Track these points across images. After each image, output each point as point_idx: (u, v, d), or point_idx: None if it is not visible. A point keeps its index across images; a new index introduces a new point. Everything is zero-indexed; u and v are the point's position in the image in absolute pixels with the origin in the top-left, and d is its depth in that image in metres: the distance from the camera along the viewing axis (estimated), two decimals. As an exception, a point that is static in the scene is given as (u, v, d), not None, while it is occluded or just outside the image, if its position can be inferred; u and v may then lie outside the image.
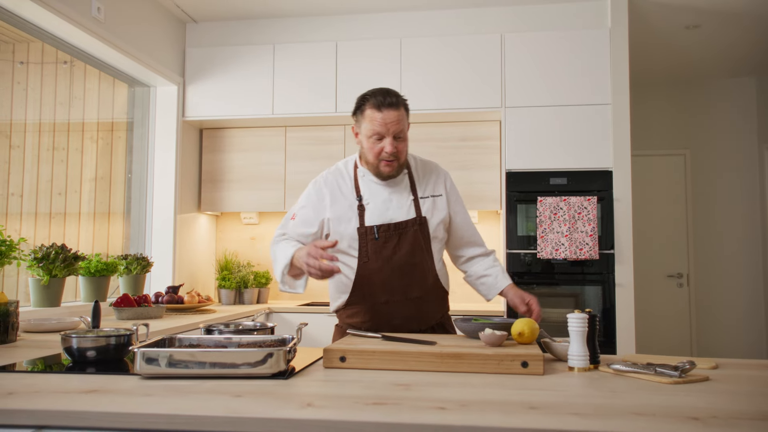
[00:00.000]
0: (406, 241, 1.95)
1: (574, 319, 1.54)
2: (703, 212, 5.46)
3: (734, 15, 4.12)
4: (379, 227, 1.94)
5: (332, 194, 2.01)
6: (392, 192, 2.00)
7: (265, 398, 1.22)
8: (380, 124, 1.89)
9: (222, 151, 4.36)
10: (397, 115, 1.89)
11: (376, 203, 1.98)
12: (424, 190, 2.03)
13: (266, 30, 4.26)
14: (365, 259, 1.95)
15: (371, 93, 1.92)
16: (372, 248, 1.94)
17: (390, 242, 1.94)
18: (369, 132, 1.92)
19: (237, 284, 4.17)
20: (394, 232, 1.95)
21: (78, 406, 1.15)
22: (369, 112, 1.91)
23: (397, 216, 1.97)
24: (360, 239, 1.95)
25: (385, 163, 1.93)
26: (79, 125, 3.71)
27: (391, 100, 1.89)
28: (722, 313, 5.37)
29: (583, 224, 3.64)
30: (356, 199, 1.99)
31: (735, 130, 5.45)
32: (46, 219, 3.41)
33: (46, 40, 3.28)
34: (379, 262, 1.94)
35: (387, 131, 1.89)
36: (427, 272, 1.99)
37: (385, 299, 1.96)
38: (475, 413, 1.11)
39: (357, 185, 2.01)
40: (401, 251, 1.94)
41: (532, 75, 3.88)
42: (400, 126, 1.91)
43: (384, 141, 1.90)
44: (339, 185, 2.03)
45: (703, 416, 1.10)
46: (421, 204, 2.00)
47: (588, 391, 1.32)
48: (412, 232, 1.96)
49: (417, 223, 1.97)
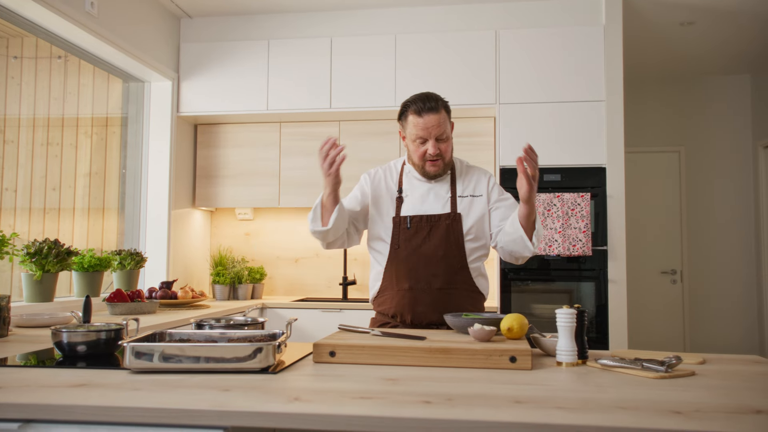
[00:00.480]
0: (436, 233, 2.06)
1: (563, 315, 1.55)
2: (697, 209, 5.48)
3: (729, 12, 4.13)
4: (412, 218, 2.08)
5: (377, 186, 2.19)
6: (431, 188, 2.14)
7: (253, 392, 1.23)
8: (422, 129, 2.03)
9: (216, 146, 4.36)
10: (437, 118, 2.03)
11: (414, 197, 2.13)
12: (464, 189, 2.14)
13: (261, 25, 4.25)
14: (396, 246, 2.08)
15: (412, 99, 2.07)
16: (403, 237, 2.08)
17: (420, 233, 2.07)
18: (413, 136, 2.06)
19: (231, 280, 4.18)
20: (426, 223, 2.07)
21: (65, 400, 1.16)
22: (411, 117, 2.05)
23: (431, 209, 2.10)
24: (394, 228, 2.10)
25: (431, 163, 2.07)
26: (74, 120, 3.70)
27: (431, 105, 2.03)
28: (715, 309, 5.40)
29: (576, 221, 3.65)
30: (397, 191, 2.15)
31: (729, 127, 5.47)
32: (40, 214, 3.41)
33: (39, 35, 3.27)
34: (408, 250, 2.06)
35: (429, 134, 2.03)
36: (454, 266, 2.06)
37: (408, 286, 2.06)
38: (461, 407, 1.12)
39: (401, 180, 2.18)
40: (430, 242, 2.06)
41: (527, 71, 3.88)
42: (441, 129, 2.04)
43: (427, 144, 2.04)
44: (385, 179, 2.20)
45: (687, 410, 1.11)
46: (459, 202, 2.11)
47: (574, 386, 1.33)
48: (444, 226, 2.07)
49: (450, 218, 2.07)
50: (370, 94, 4.03)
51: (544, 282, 3.78)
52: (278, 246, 4.55)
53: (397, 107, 3.97)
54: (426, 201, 2.11)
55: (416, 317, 2.06)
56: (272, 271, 4.53)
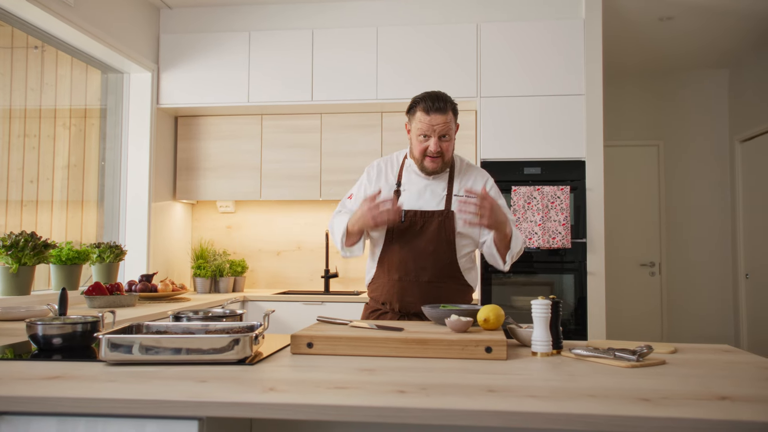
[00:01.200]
0: (429, 229, 2.13)
1: (538, 305, 1.57)
2: (675, 202, 5.55)
3: (707, 8, 4.17)
4: (407, 212, 2.15)
5: (377, 178, 2.27)
6: (429, 184, 2.20)
7: (229, 383, 1.24)
8: (427, 126, 2.11)
9: (197, 139, 4.33)
10: (444, 118, 2.10)
11: (412, 191, 2.20)
12: (461, 188, 2.20)
13: (242, 17, 4.22)
14: (390, 238, 2.16)
15: (423, 96, 2.13)
16: (397, 230, 2.15)
17: (414, 227, 2.14)
18: (417, 131, 2.14)
19: (212, 273, 4.16)
20: (420, 218, 2.14)
21: (39, 392, 1.15)
22: (419, 114, 2.12)
23: (426, 205, 2.17)
24: None
25: (430, 159, 2.14)
26: (51, 112, 3.65)
27: (439, 105, 2.10)
28: (692, 301, 5.49)
29: (556, 213, 3.69)
30: (396, 184, 2.23)
31: (707, 121, 5.54)
32: (17, 207, 3.36)
33: (15, 24, 3.22)
34: (400, 242, 2.15)
35: (433, 132, 2.11)
36: (443, 261, 2.14)
37: (398, 276, 2.15)
38: (434, 396, 1.13)
39: (401, 173, 2.25)
40: (422, 237, 2.13)
41: (508, 65, 3.90)
42: (446, 128, 2.12)
43: (429, 140, 2.11)
44: (386, 171, 2.28)
45: (655, 397, 1.14)
46: (454, 200, 2.17)
47: (547, 375, 1.35)
48: (437, 222, 2.14)
49: (443, 215, 2.14)
50: (351, 86, 4.02)
51: (525, 274, 3.82)
52: (260, 239, 4.54)
53: (379, 100, 3.98)
54: (422, 197, 2.18)
55: (404, 306, 2.14)
56: (254, 264, 4.52)
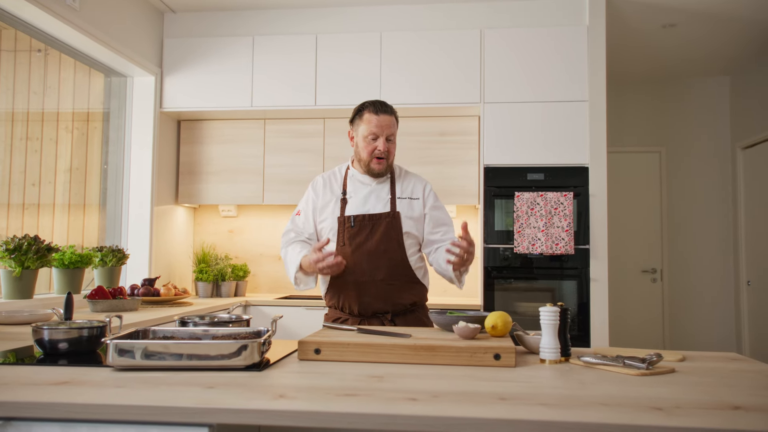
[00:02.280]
0: (378, 230, 2.23)
1: (546, 313, 1.57)
2: (677, 209, 5.55)
3: (710, 15, 4.18)
4: (356, 217, 2.25)
5: (323, 193, 2.35)
6: (373, 190, 2.31)
7: (237, 389, 1.23)
8: (376, 126, 2.23)
9: (200, 143, 4.33)
10: (390, 119, 2.26)
11: (358, 198, 2.29)
12: (403, 191, 2.32)
13: (245, 22, 4.23)
14: (342, 243, 2.25)
15: (370, 102, 2.28)
16: (348, 235, 2.24)
17: (363, 230, 2.23)
18: (366, 132, 2.25)
19: (214, 277, 4.15)
20: (368, 222, 2.24)
21: (47, 398, 1.14)
22: (367, 115, 2.25)
23: (373, 209, 2.27)
24: (339, 227, 2.26)
25: (377, 161, 2.25)
26: (54, 115, 3.65)
27: (387, 108, 2.27)
28: (694, 308, 5.48)
29: (559, 219, 3.68)
30: (341, 193, 2.31)
31: (709, 128, 5.55)
32: (19, 210, 3.35)
33: (19, 27, 3.22)
34: (352, 246, 2.23)
35: (381, 132, 2.23)
36: (395, 260, 2.23)
37: (354, 279, 2.22)
38: (446, 404, 1.13)
39: (345, 183, 2.35)
40: (373, 239, 2.23)
41: (511, 71, 3.90)
42: (392, 130, 2.26)
43: (378, 141, 2.23)
44: (330, 183, 2.37)
45: (667, 406, 1.13)
46: (398, 202, 2.29)
47: (557, 383, 1.34)
48: (385, 224, 2.24)
49: (390, 216, 2.25)
50: (355, 91, 4.02)
51: (527, 280, 3.81)
52: (262, 243, 4.53)
53: (382, 105, 3.97)
54: (368, 201, 2.28)
55: (362, 307, 2.22)
56: (256, 269, 4.51)
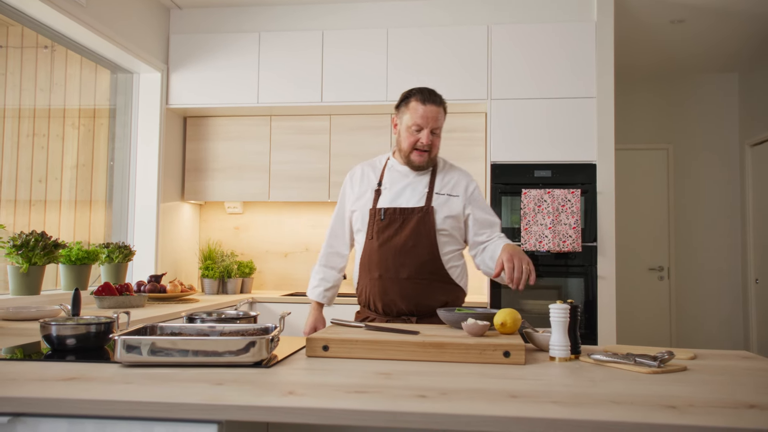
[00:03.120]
0: (408, 225, 2.11)
1: (556, 310, 1.55)
2: (685, 206, 5.52)
3: (719, 11, 4.15)
4: (387, 210, 2.14)
5: (359, 183, 2.26)
6: (410, 183, 2.19)
7: (246, 386, 1.22)
8: (421, 117, 2.10)
9: (206, 139, 4.32)
10: (437, 111, 2.12)
11: (393, 190, 2.18)
12: (442, 186, 2.18)
13: (252, 18, 4.22)
14: (370, 237, 2.15)
15: (418, 89, 2.15)
16: (377, 228, 2.14)
17: (393, 225, 2.12)
18: (410, 122, 2.12)
19: (220, 274, 4.15)
20: (399, 216, 2.12)
21: (56, 394, 1.14)
22: (413, 104, 2.12)
23: (406, 203, 2.15)
24: (369, 219, 2.17)
25: (418, 153, 2.13)
26: (60, 111, 3.65)
27: (435, 98, 2.13)
28: (701, 306, 5.45)
29: (566, 217, 3.66)
30: (377, 184, 2.21)
31: (717, 125, 5.51)
32: (26, 206, 3.36)
33: (26, 24, 3.22)
34: (380, 241, 2.12)
35: (426, 124, 2.10)
36: (424, 258, 2.10)
37: (378, 274, 2.12)
38: (456, 401, 1.12)
39: (383, 174, 2.24)
40: (401, 234, 2.11)
41: (518, 67, 3.88)
42: (438, 123, 2.13)
43: (422, 132, 2.11)
44: (367, 173, 2.28)
45: (680, 405, 1.12)
46: (435, 198, 2.15)
47: (568, 381, 1.33)
48: (416, 219, 2.11)
49: (423, 211, 2.12)
50: (361, 88, 4.01)
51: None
52: (268, 240, 4.53)
53: (389, 101, 3.96)
54: (402, 194, 2.16)
55: (386, 306, 2.12)
56: (261, 266, 4.51)
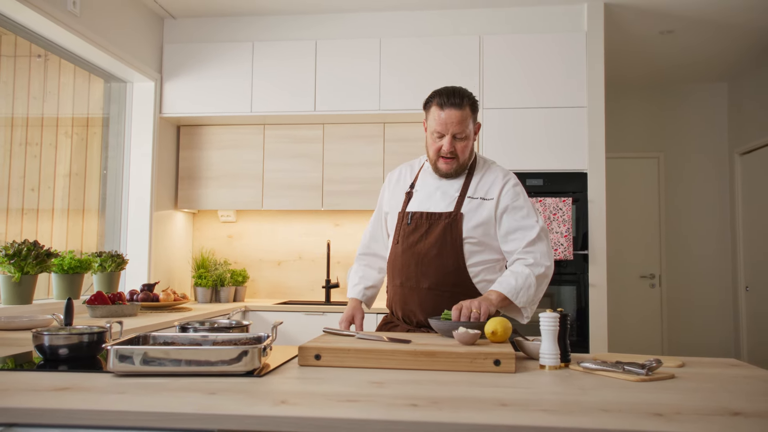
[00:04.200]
0: (433, 232, 1.99)
1: (546, 319, 1.57)
2: (675, 214, 5.57)
3: (707, 22, 4.21)
4: (414, 214, 2.03)
5: (395, 184, 2.17)
6: (441, 185, 2.06)
7: (239, 395, 1.23)
8: (440, 123, 1.96)
9: (199, 148, 4.33)
10: (459, 115, 1.94)
11: (423, 193, 2.07)
12: (476, 190, 2.03)
13: (245, 27, 4.24)
14: (396, 241, 2.07)
15: (438, 92, 1.99)
16: (403, 233, 2.04)
17: (419, 230, 2.01)
18: (431, 129, 2.01)
19: (214, 282, 4.15)
20: (425, 221, 2.01)
21: (49, 404, 1.15)
22: (433, 109, 1.99)
23: (434, 207, 2.03)
24: (397, 222, 2.08)
25: (443, 161, 2.00)
26: (54, 120, 3.65)
27: (455, 101, 1.94)
28: (692, 313, 5.48)
29: (558, 225, 3.69)
30: (409, 186, 2.11)
31: (707, 134, 5.57)
32: (18, 215, 3.35)
33: (19, 33, 3.23)
34: (404, 246, 2.03)
35: (446, 130, 1.96)
36: (447, 267, 1.97)
37: (399, 282, 2.03)
38: (447, 410, 1.13)
39: (417, 176, 2.14)
40: (426, 240, 1.99)
41: (510, 77, 3.92)
42: (461, 127, 1.96)
43: (443, 139, 1.97)
44: (403, 174, 2.18)
45: (667, 412, 1.13)
46: (466, 202, 2.00)
47: (558, 389, 1.35)
48: (443, 225, 1.98)
49: (450, 217, 1.98)
50: (354, 97, 4.03)
51: (526, 286, 3.81)
52: (261, 248, 4.53)
53: (382, 111, 3.99)
54: (432, 198, 2.04)
55: (405, 315, 2.04)
56: (255, 274, 4.51)
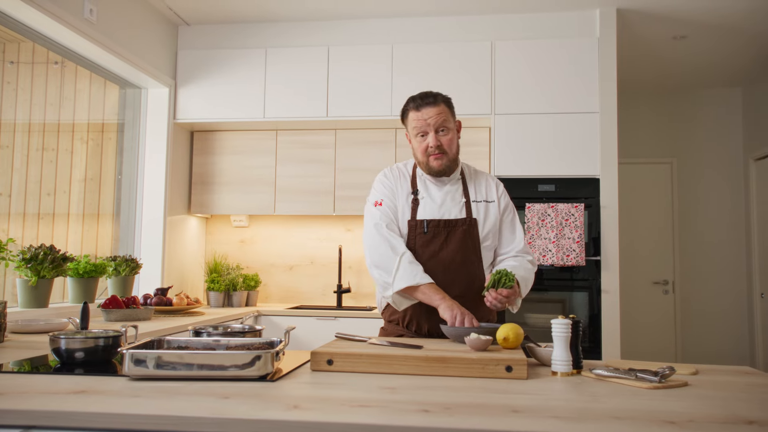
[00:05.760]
0: (454, 239, 1.99)
1: (558, 325, 1.57)
2: (689, 220, 5.53)
3: (720, 27, 4.18)
4: (429, 222, 2.00)
5: (394, 185, 2.11)
6: (447, 192, 2.06)
7: (252, 400, 1.24)
8: (421, 122, 2.00)
9: (213, 153, 4.37)
10: (436, 110, 2.00)
11: (432, 199, 2.05)
12: (477, 194, 2.08)
13: (258, 34, 4.27)
14: (412, 251, 1.99)
15: (411, 97, 2.05)
16: (420, 242, 1.99)
17: (438, 238, 1.99)
18: (414, 131, 2.03)
19: (226, 287, 4.18)
20: (443, 228, 1.99)
21: (66, 407, 1.16)
22: (411, 114, 2.03)
23: (449, 213, 2.02)
24: (409, 232, 2.02)
25: (434, 157, 2.01)
26: (69, 126, 3.71)
27: (428, 100, 2.01)
28: (706, 320, 5.43)
29: (570, 231, 3.68)
30: (412, 192, 2.07)
31: (721, 139, 5.53)
32: (34, 219, 3.40)
33: (37, 40, 3.28)
34: (425, 256, 1.98)
35: (428, 127, 2.00)
36: (473, 273, 2.00)
37: None
38: (459, 416, 1.13)
39: (414, 181, 2.10)
40: (448, 248, 1.98)
41: (522, 82, 3.92)
42: (441, 119, 2.00)
43: (428, 136, 2.00)
44: (400, 179, 2.13)
45: (680, 420, 1.13)
46: (473, 206, 2.04)
47: (570, 396, 1.34)
48: (461, 231, 1.99)
49: (467, 223, 2.01)
50: (366, 102, 4.05)
51: (537, 291, 3.80)
52: (273, 253, 4.55)
53: (393, 116, 4.00)
54: (444, 204, 2.03)
55: (432, 325, 1.97)
56: (267, 279, 4.53)
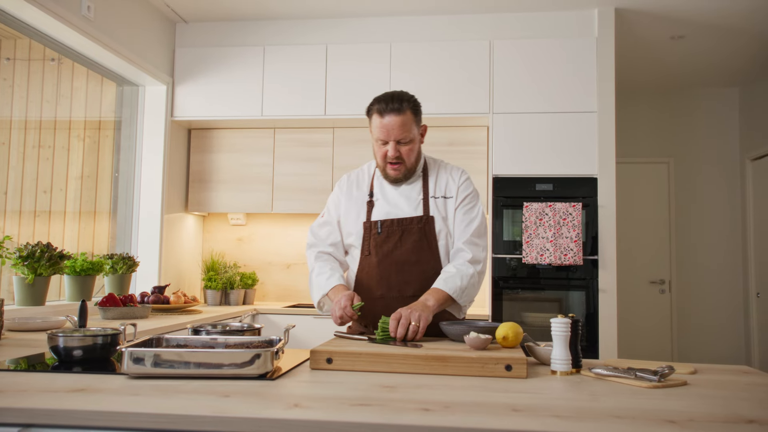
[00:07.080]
0: (409, 238, 1.97)
1: (558, 324, 1.57)
2: (686, 220, 5.54)
3: (718, 27, 4.19)
4: (383, 222, 1.99)
5: (348, 192, 2.10)
6: (402, 191, 2.04)
7: (252, 398, 1.24)
8: (382, 130, 1.94)
9: (210, 151, 4.36)
10: (400, 120, 1.92)
11: (385, 199, 2.04)
12: (436, 190, 2.04)
13: (256, 32, 4.27)
14: (366, 252, 2.00)
15: (378, 98, 1.98)
16: (374, 242, 1.98)
17: (392, 237, 1.97)
18: (374, 136, 1.99)
19: (223, 285, 4.17)
20: (397, 227, 1.98)
21: (65, 405, 1.16)
22: (374, 117, 1.97)
23: (402, 212, 2.01)
24: (364, 233, 2.01)
25: (391, 166, 1.99)
26: (66, 123, 3.69)
27: (394, 106, 1.92)
28: (702, 319, 5.45)
29: (567, 230, 3.69)
30: (368, 195, 2.06)
31: (717, 139, 5.54)
32: (30, 217, 3.39)
33: (33, 37, 3.27)
34: (379, 256, 1.97)
35: (389, 136, 1.94)
36: (428, 272, 1.98)
37: (380, 294, 1.97)
38: (459, 415, 1.13)
39: (372, 183, 2.09)
40: (403, 247, 1.97)
41: (520, 81, 3.92)
42: (403, 131, 1.94)
43: (387, 146, 1.96)
44: (357, 183, 2.11)
45: (680, 419, 1.13)
46: (431, 203, 2.01)
47: (569, 395, 1.34)
48: (417, 230, 1.97)
49: (422, 221, 1.98)
50: (365, 101, 3.97)
51: (535, 290, 3.81)
52: (270, 251, 4.55)
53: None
54: (397, 204, 2.01)
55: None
56: (264, 277, 4.53)
